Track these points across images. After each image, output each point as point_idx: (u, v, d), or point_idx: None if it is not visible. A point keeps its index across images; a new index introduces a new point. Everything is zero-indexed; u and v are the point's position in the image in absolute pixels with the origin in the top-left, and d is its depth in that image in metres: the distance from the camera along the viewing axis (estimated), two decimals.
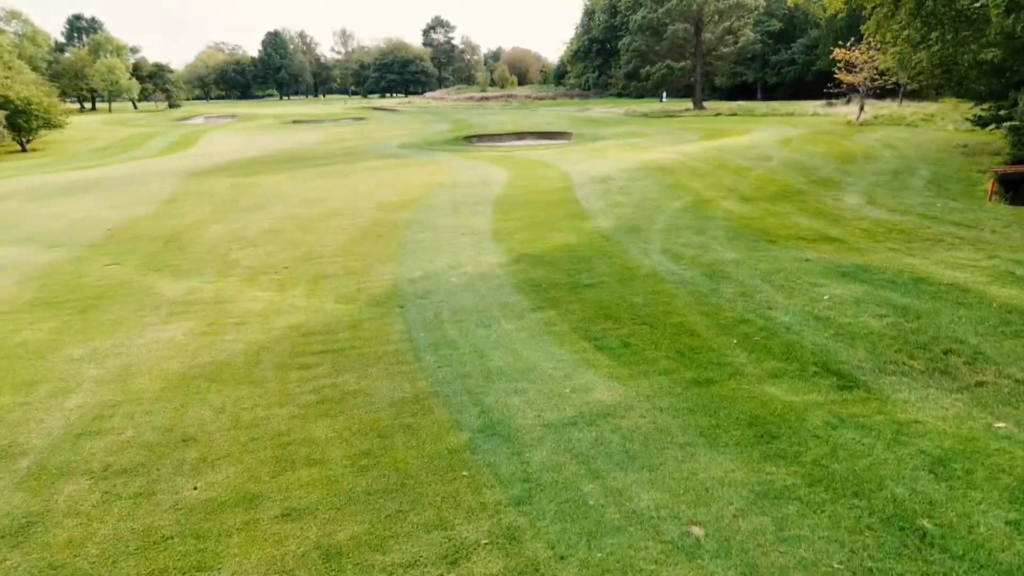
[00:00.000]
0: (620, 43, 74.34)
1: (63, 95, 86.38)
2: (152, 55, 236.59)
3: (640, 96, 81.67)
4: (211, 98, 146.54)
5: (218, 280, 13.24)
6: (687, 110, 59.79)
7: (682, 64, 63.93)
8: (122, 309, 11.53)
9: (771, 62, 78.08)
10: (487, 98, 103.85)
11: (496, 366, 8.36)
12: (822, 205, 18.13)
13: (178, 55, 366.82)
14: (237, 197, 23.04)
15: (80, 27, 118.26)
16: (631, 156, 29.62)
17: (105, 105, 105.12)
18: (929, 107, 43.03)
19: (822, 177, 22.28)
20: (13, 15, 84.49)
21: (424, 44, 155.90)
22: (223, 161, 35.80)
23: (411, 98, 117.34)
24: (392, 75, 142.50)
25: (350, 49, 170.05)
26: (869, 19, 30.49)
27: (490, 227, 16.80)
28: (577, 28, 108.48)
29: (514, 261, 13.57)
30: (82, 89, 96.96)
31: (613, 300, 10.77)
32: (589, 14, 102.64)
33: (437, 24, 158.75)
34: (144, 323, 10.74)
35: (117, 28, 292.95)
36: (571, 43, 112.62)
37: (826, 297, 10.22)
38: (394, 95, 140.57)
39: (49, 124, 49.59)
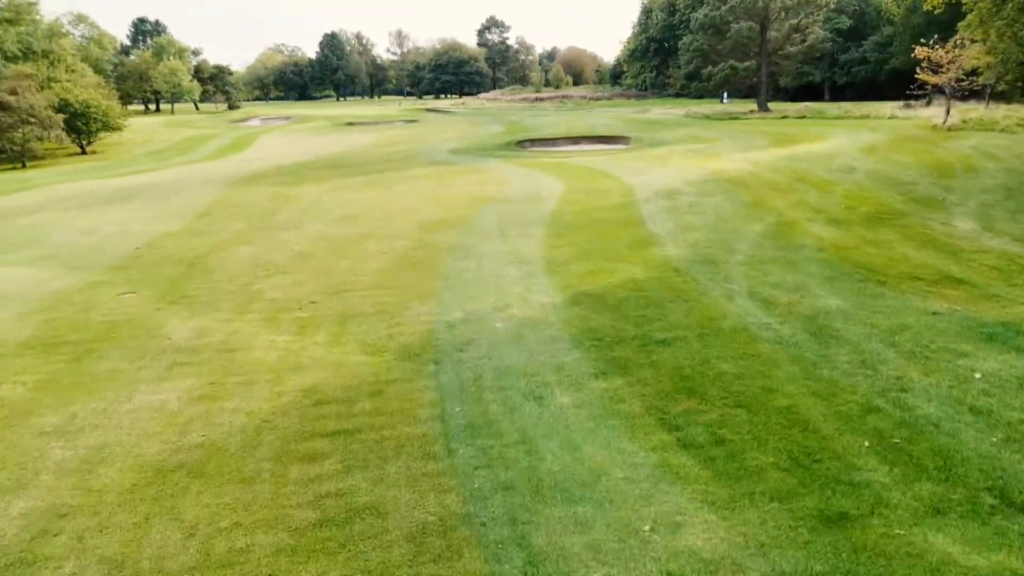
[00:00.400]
0: (680, 42, 71.32)
1: (128, 97, 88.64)
2: (213, 57, 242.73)
3: (699, 97, 78.31)
4: (270, 99, 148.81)
5: (235, 318, 11.69)
6: (751, 112, 56.47)
7: (746, 64, 60.57)
8: (121, 357, 10.05)
9: (840, 61, 73.49)
10: (541, 99, 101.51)
11: (549, 471, 6.44)
12: (930, 231, 15.58)
13: (239, 57, 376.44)
14: (275, 211, 21.72)
15: (144, 30, 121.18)
16: (697, 165, 27.23)
17: (168, 107, 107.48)
18: (1020, 110, 39.08)
19: (921, 194, 19.57)
20: (80, 19, 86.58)
21: (479, 44, 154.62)
22: (270, 166, 34.84)
23: (465, 99, 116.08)
24: (447, 76, 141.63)
25: (405, 50, 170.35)
26: (970, 14, 27.51)
27: (542, 255, 14.86)
28: (634, 27, 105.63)
29: (570, 302, 11.60)
30: (146, 91, 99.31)
31: (695, 365, 8.70)
32: (647, 12, 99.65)
33: (492, 24, 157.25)
34: (138, 378, 9.21)
35: (180, 30, 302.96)
36: (628, 42, 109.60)
37: (977, 375, 7.90)
38: (449, 96, 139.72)
39: (108, 127, 50.03)
